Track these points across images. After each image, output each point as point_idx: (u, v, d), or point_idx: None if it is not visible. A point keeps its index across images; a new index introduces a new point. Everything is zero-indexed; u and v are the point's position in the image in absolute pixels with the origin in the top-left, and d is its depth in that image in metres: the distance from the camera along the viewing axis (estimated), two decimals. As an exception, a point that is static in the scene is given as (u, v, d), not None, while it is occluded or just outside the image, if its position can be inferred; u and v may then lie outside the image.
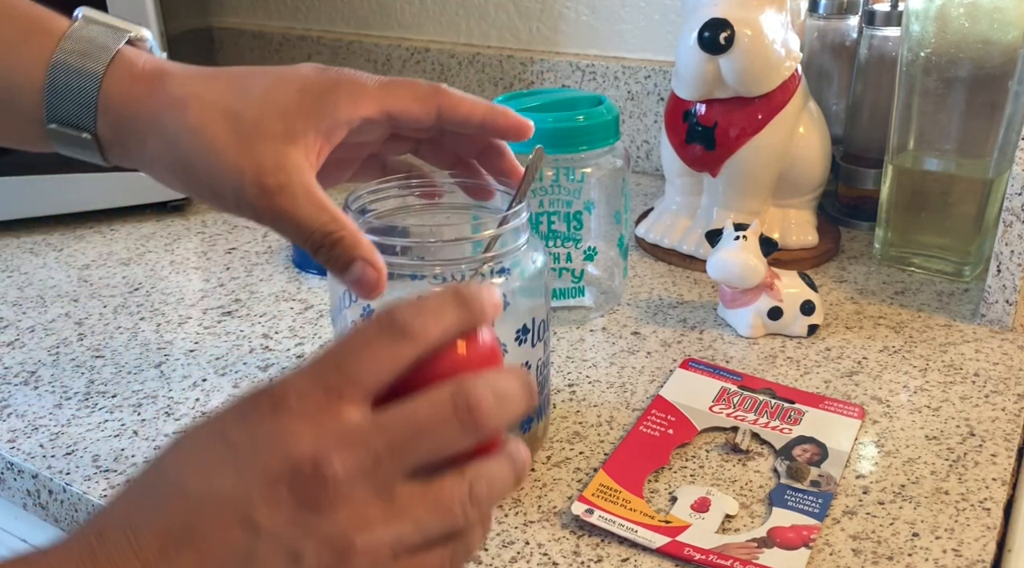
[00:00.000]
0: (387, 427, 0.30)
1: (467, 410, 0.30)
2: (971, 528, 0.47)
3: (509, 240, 0.47)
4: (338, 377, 0.30)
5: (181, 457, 0.31)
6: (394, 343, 0.31)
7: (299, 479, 0.29)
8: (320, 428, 0.29)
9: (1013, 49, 0.67)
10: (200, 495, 0.29)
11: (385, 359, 0.31)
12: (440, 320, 0.32)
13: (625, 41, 1.02)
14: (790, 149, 0.74)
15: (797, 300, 0.64)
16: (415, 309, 0.32)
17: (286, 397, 0.30)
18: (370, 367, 0.30)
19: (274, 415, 0.29)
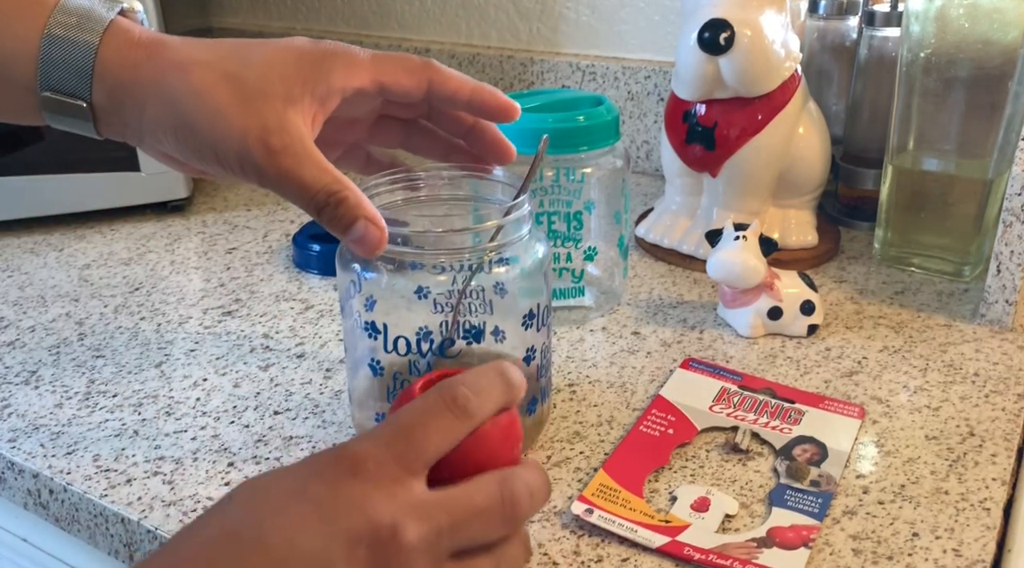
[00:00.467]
0: (449, 507, 0.33)
1: (511, 505, 0.34)
2: (971, 528, 0.47)
3: (512, 231, 0.48)
4: (407, 449, 0.33)
5: (257, 511, 0.32)
6: (455, 421, 0.35)
7: (378, 543, 0.31)
8: (395, 497, 0.32)
9: (1013, 49, 0.67)
10: (282, 549, 0.31)
11: (446, 435, 0.34)
12: (492, 400, 0.36)
13: (625, 41, 1.02)
14: (790, 149, 0.74)
15: (797, 300, 0.64)
16: (474, 388, 0.35)
17: (364, 463, 0.32)
18: (434, 441, 0.34)
19: (354, 478, 0.32)
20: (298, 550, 0.31)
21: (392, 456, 0.33)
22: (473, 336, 0.49)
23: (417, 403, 0.35)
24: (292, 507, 0.32)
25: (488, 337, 0.49)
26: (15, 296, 0.74)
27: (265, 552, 0.31)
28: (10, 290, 0.75)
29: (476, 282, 0.48)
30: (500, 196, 0.51)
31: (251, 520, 0.32)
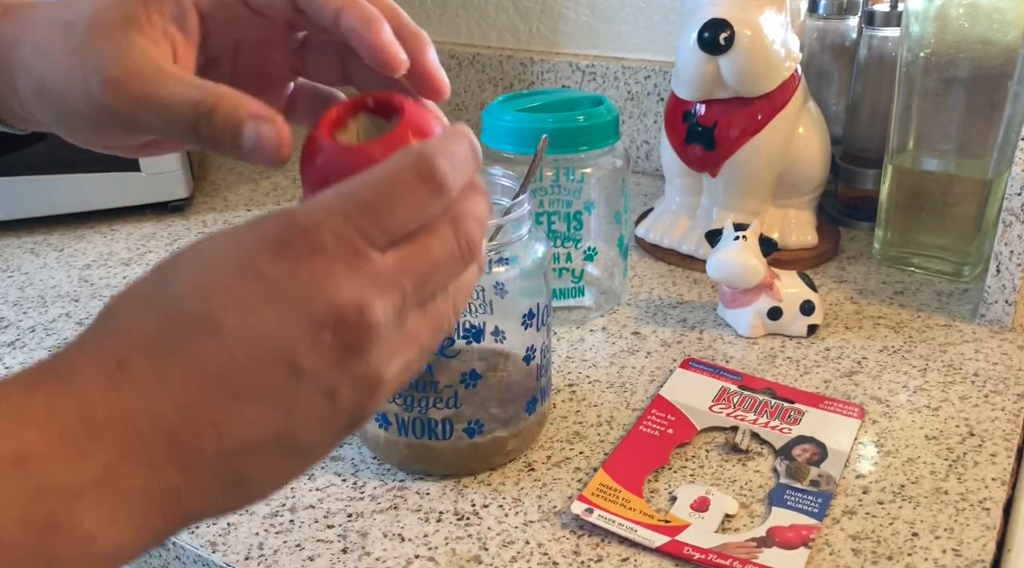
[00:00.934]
0: (410, 269, 0.30)
1: (468, 246, 0.32)
2: (971, 528, 0.47)
3: (511, 231, 0.48)
4: (373, 224, 0.30)
5: (205, 286, 0.29)
6: (430, 198, 0.31)
7: (343, 325, 0.29)
8: (358, 273, 0.29)
9: (1013, 49, 0.67)
10: (238, 334, 0.28)
11: (418, 212, 0.31)
12: (465, 176, 0.32)
13: (625, 41, 1.02)
14: (790, 149, 0.74)
15: (797, 300, 0.64)
16: (451, 163, 0.31)
17: (322, 237, 0.29)
18: (404, 218, 0.30)
19: (312, 256, 0.29)
20: (255, 334, 0.28)
21: (353, 229, 0.29)
22: (473, 336, 0.49)
23: (385, 170, 0.30)
24: (244, 285, 0.29)
25: (488, 337, 0.49)
26: (15, 296, 0.74)
27: (218, 334, 0.28)
28: (10, 290, 0.75)
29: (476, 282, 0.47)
30: (499, 196, 0.51)
31: (196, 298, 0.29)
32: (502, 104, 0.65)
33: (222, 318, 0.28)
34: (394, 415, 0.50)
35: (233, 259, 0.29)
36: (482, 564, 0.45)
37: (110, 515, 0.27)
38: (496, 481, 0.51)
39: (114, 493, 0.27)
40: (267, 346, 0.28)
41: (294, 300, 0.28)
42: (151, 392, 0.28)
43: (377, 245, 0.30)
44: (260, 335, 0.28)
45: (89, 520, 0.27)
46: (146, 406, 0.28)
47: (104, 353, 0.28)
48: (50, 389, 0.27)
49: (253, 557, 0.45)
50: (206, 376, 0.28)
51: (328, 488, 0.50)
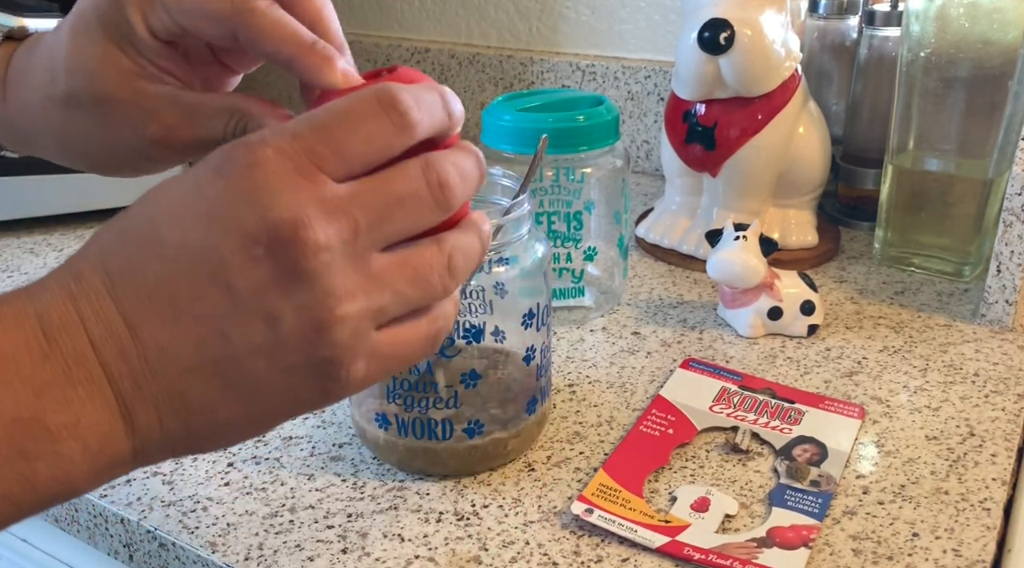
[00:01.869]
0: (365, 199, 0.29)
1: (439, 187, 0.31)
2: (971, 528, 0.47)
3: (511, 231, 0.48)
4: (325, 147, 0.29)
5: (156, 205, 0.30)
6: (393, 130, 0.30)
7: (277, 242, 0.28)
8: (298, 191, 0.28)
9: (1013, 49, 0.67)
10: (174, 248, 0.29)
11: (378, 144, 0.30)
12: (434, 119, 0.31)
13: (625, 41, 1.02)
14: (790, 149, 0.74)
15: (797, 300, 0.64)
16: (414, 99, 0.30)
17: (264, 152, 0.28)
18: (362, 148, 0.29)
19: (249, 170, 0.28)
20: (188, 247, 0.28)
21: (302, 148, 0.29)
22: (473, 336, 0.49)
23: (343, 100, 0.30)
24: (186, 203, 0.29)
25: (488, 337, 0.49)
26: (15, 296, 0.74)
27: (158, 246, 0.29)
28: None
29: (476, 282, 0.48)
30: (499, 196, 0.51)
31: (145, 218, 0.30)
32: (502, 104, 0.65)
33: (164, 233, 0.29)
34: (394, 415, 0.49)
35: (183, 181, 0.30)
36: (482, 564, 0.45)
37: (73, 418, 0.28)
38: (496, 481, 0.51)
39: (74, 396, 0.28)
40: (199, 261, 0.28)
41: (227, 214, 0.28)
42: (101, 302, 0.29)
43: (327, 170, 0.29)
44: (193, 250, 0.29)
45: (53, 420, 0.28)
46: (96, 314, 0.29)
47: (66, 269, 0.30)
48: (16, 301, 0.30)
49: (253, 557, 0.45)
50: (147, 289, 0.29)
51: (328, 488, 0.50)
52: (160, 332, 0.29)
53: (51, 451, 0.28)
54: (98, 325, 0.29)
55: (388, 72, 0.35)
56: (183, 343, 0.29)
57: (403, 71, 0.35)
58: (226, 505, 0.49)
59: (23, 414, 0.28)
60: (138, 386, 0.29)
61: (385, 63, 1.15)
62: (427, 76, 0.35)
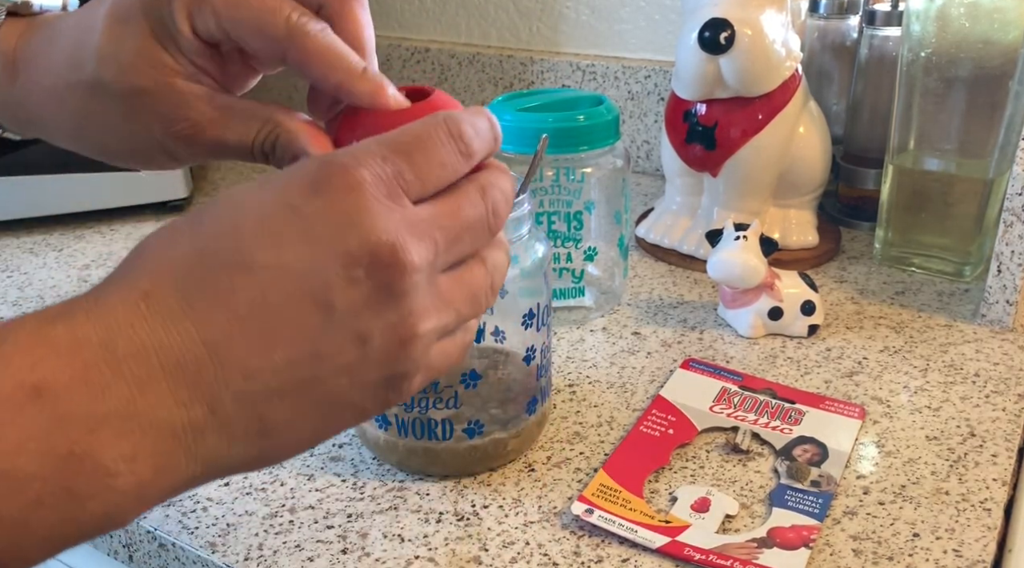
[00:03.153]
0: (442, 223, 0.30)
1: (494, 214, 0.32)
2: (971, 528, 0.47)
3: (512, 231, 0.48)
4: (409, 170, 0.30)
5: (241, 223, 0.29)
6: (458, 158, 0.31)
7: (378, 263, 0.28)
8: (393, 214, 0.29)
9: (1013, 49, 0.67)
10: (270, 269, 0.28)
11: (448, 170, 0.31)
12: (485, 143, 0.33)
13: (625, 41, 1.02)
14: (790, 149, 0.74)
15: (797, 300, 0.64)
16: (474, 129, 0.32)
17: (361, 174, 0.29)
18: (437, 174, 0.31)
19: (349, 192, 0.28)
20: (287, 268, 0.28)
21: (391, 170, 0.29)
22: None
23: (415, 128, 0.31)
24: (277, 221, 0.28)
25: (488, 337, 0.49)
26: (15, 296, 0.74)
27: (248, 268, 0.28)
28: (9, 290, 0.75)
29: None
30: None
31: (228, 235, 0.28)
32: (502, 104, 0.65)
33: (254, 254, 0.28)
34: (394, 416, 0.49)
35: (269, 198, 0.29)
36: (482, 565, 0.45)
37: (131, 451, 0.27)
38: (496, 482, 0.51)
39: (135, 427, 0.27)
40: (299, 283, 0.28)
41: (329, 235, 0.28)
42: (178, 325, 0.27)
43: (410, 193, 0.30)
44: (292, 272, 0.28)
45: (109, 454, 0.26)
46: (172, 339, 0.27)
47: (130, 287, 0.28)
48: (73, 320, 0.27)
49: (253, 558, 0.45)
50: (235, 312, 0.27)
51: (328, 488, 0.50)
52: (249, 357, 0.28)
53: (104, 487, 0.27)
54: (173, 352, 0.27)
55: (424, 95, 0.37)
56: (274, 367, 0.28)
57: (439, 95, 0.37)
58: (226, 505, 0.49)
59: (75, 450, 0.26)
60: (213, 413, 0.28)
61: (385, 62, 1.15)
62: (457, 102, 0.37)
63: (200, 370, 0.27)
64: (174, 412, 0.27)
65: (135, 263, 0.29)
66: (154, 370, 0.27)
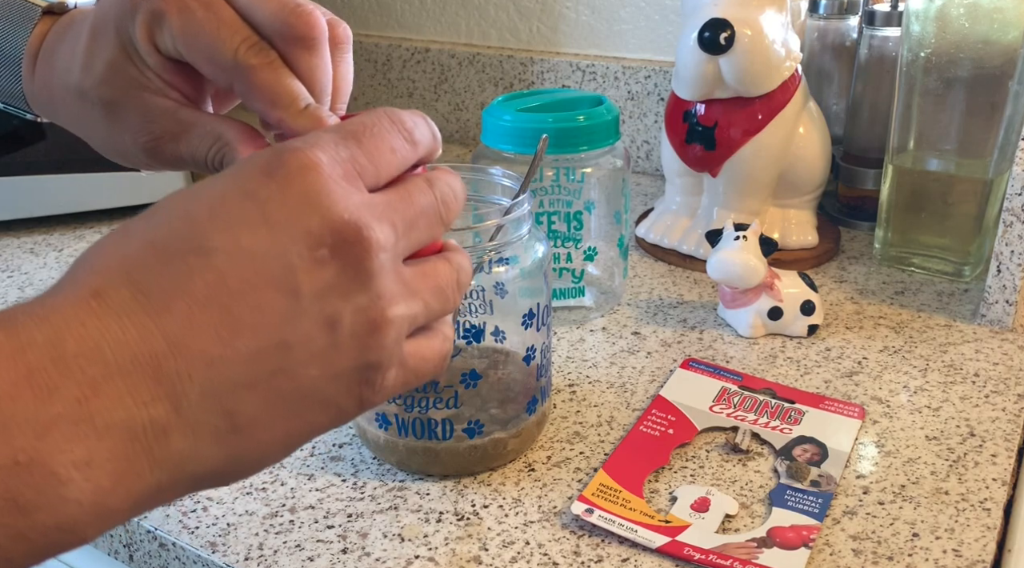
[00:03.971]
0: (396, 207, 0.30)
1: (443, 203, 0.32)
2: (971, 528, 0.47)
3: (512, 231, 0.48)
4: (363, 156, 0.30)
5: (190, 212, 0.27)
6: (405, 145, 0.31)
7: (342, 242, 0.27)
8: (351, 195, 0.28)
9: (1013, 49, 0.67)
10: (227, 252, 0.27)
11: (398, 158, 0.31)
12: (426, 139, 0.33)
13: (625, 41, 1.02)
14: (790, 149, 0.74)
15: (797, 300, 0.64)
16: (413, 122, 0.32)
17: (316, 156, 0.28)
18: (389, 160, 0.31)
19: (303, 172, 0.28)
20: (247, 253, 0.26)
21: (347, 155, 0.29)
22: (473, 336, 0.49)
23: (362, 117, 0.31)
24: (232, 205, 0.27)
25: (488, 337, 0.49)
26: (15, 296, 0.74)
27: (206, 255, 0.26)
28: (10, 290, 0.75)
29: (476, 282, 0.48)
30: (500, 196, 0.51)
31: (181, 222, 0.27)
32: (502, 104, 0.65)
33: (210, 237, 0.27)
34: (394, 416, 0.49)
35: (221, 185, 0.28)
36: (482, 564, 0.45)
37: (85, 456, 0.25)
38: (496, 481, 0.51)
39: (89, 430, 0.25)
40: (260, 266, 0.27)
41: (287, 217, 0.27)
42: (133, 318, 0.26)
43: (366, 179, 0.30)
44: (252, 254, 0.27)
45: (59, 460, 0.24)
46: (127, 333, 0.25)
47: (79, 286, 0.26)
48: (14, 323, 0.25)
49: (253, 557, 0.45)
50: (194, 299, 0.26)
51: (328, 488, 0.50)
52: (213, 348, 0.26)
53: (55, 497, 0.24)
54: (129, 346, 0.25)
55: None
56: (239, 358, 0.26)
57: None
58: (226, 505, 0.49)
59: (20, 458, 0.24)
60: (176, 409, 0.26)
61: (385, 63, 1.15)
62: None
63: (160, 364, 0.26)
64: (133, 411, 0.25)
65: (83, 265, 0.28)
66: (109, 367, 0.25)
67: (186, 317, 0.26)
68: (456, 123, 1.14)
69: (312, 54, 0.36)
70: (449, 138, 1.15)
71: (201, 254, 0.26)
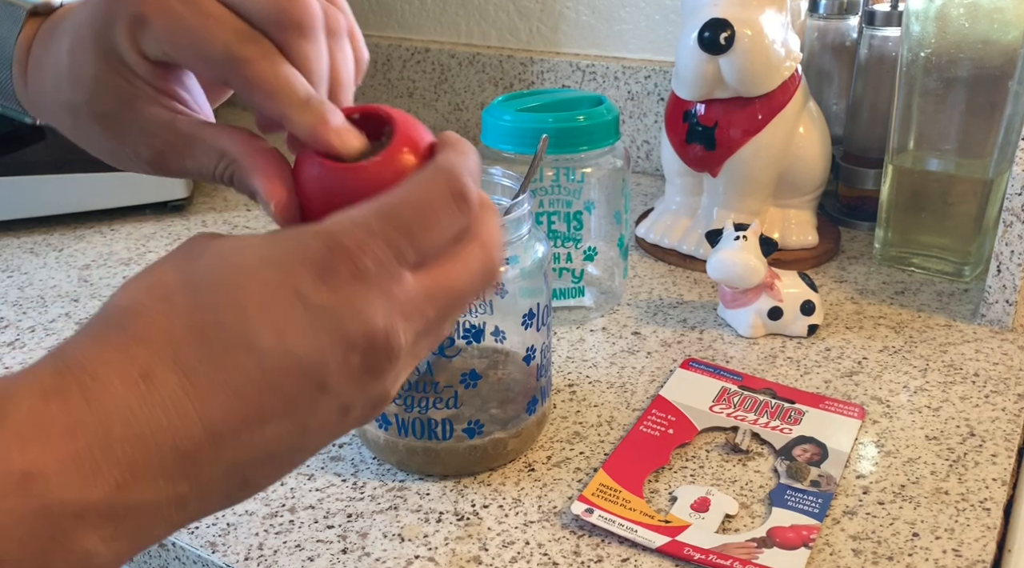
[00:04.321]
0: (437, 297, 0.31)
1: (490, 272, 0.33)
2: (971, 528, 0.47)
3: (512, 231, 0.48)
4: (409, 246, 0.30)
5: (245, 303, 0.28)
6: (458, 216, 0.31)
7: (372, 348, 0.29)
8: (392, 299, 0.30)
9: (1013, 49, 0.67)
10: (274, 355, 0.28)
11: (447, 234, 0.31)
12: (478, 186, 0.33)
13: (625, 41, 1.02)
14: (790, 149, 0.74)
15: (797, 300, 0.64)
16: (472, 179, 0.32)
17: (366, 263, 0.29)
18: (436, 241, 0.31)
19: (354, 282, 0.29)
20: (290, 355, 0.28)
21: (392, 253, 0.30)
22: (473, 336, 0.49)
23: (420, 188, 0.31)
24: (284, 306, 0.28)
25: (488, 337, 0.49)
26: (15, 296, 0.74)
27: (254, 353, 0.28)
28: (10, 290, 0.75)
29: (476, 282, 0.47)
30: (500, 196, 0.51)
31: (231, 313, 0.28)
32: (502, 104, 0.65)
33: (259, 336, 0.28)
34: (394, 416, 0.49)
35: (272, 276, 0.29)
36: (482, 564, 0.45)
37: (113, 532, 0.27)
38: (496, 481, 0.51)
39: (122, 511, 0.27)
40: (300, 365, 0.28)
41: (333, 326, 0.29)
42: (178, 407, 0.27)
43: (409, 264, 0.30)
44: (294, 356, 0.28)
45: (91, 539, 0.26)
46: (171, 421, 0.27)
47: (127, 361, 0.27)
48: (69, 398, 0.26)
49: (253, 557, 0.45)
50: (235, 392, 0.28)
51: (328, 488, 0.50)
52: (243, 434, 0.28)
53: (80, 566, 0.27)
54: (170, 433, 0.27)
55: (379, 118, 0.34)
56: (263, 441, 0.29)
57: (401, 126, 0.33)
58: (226, 505, 0.49)
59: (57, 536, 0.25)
60: (200, 487, 0.28)
61: (385, 63, 1.15)
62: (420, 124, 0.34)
63: (195, 450, 0.27)
64: (162, 491, 0.27)
65: (129, 327, 0.28)
66: (148, 452, 0.27)
67: (225, 408, 0.28)
68: (456, 123, 1.14)
69: (308, 41, 0.35)
70: (449, 138, 1.15)
71: (249, 352, 0.28)
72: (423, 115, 1.16)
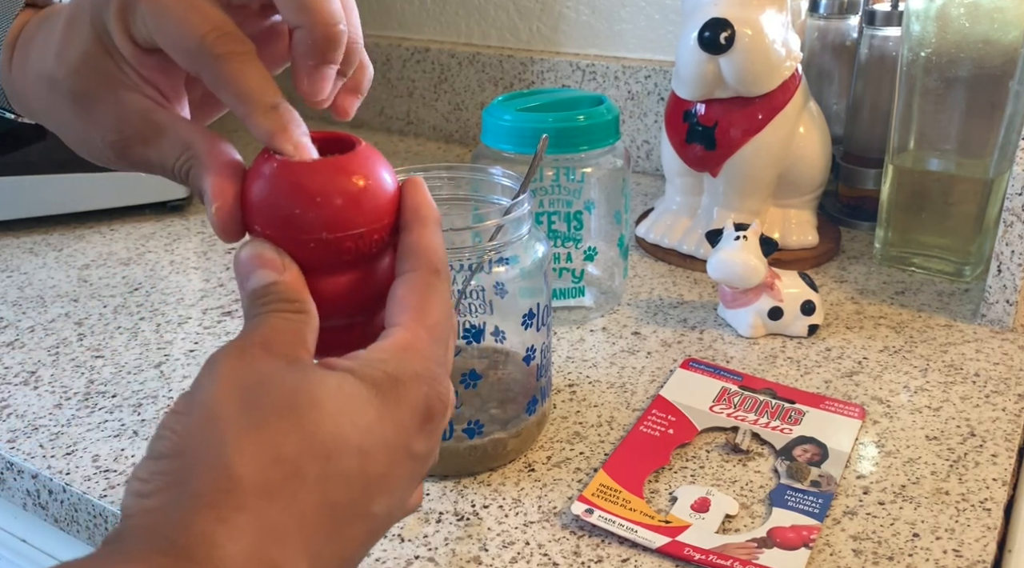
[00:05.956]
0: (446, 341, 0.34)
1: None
2: (971, 528, 0.47)
3: (512, 231, 0.48)
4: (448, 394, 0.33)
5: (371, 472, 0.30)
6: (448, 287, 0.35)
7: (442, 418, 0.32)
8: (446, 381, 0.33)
9: (1013, 49, 0.67)
10: (382, 517, 0.31)
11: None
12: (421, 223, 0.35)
13: (625, 41, 1.02)
14: (790, 149, 0.74)
15: (797, 300, 0.64)
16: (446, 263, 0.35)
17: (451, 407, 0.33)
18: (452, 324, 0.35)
19: (444, 420, 0.33)
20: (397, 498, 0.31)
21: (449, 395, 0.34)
22: (473, 336, 0.49)
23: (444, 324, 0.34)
24: (398, 468, 0.31)
25: (488, 337, 0.49)
26: (14, 296, 0.74)
27: (366, 519, 0.30)
28: (9, 290, 0.75)
29: (476, 282, 0.47)
30: (499, 196, 0.51)
31: (359, 490, 0.29)
32: (502, 104, 0.65)
33: (376, 504, 0.30)
34: (394, 415, 0.49)
35: (392, 436, 0.30)
36: (482, 565, 0.45)
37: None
38: (496, 482, 0.51)
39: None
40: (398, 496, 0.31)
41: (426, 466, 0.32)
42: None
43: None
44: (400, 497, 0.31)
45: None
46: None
47: (255, 545, 0.26)
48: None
49: (253, 558, 0.45)
50: (345, 561, 0.30)
51: (328, 488, 0.50)
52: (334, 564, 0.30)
53: None
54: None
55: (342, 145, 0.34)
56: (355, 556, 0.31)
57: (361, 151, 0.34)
58: (226, 505, 0.49)
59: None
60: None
61: (385, 62, 1.15)
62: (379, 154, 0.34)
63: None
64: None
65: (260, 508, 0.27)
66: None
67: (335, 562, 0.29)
68: (456, 123, 1.14)
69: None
70: (449, 138, 1.15)
71: (365, 520, 0.30)
72: (423, 115, 1.16)
